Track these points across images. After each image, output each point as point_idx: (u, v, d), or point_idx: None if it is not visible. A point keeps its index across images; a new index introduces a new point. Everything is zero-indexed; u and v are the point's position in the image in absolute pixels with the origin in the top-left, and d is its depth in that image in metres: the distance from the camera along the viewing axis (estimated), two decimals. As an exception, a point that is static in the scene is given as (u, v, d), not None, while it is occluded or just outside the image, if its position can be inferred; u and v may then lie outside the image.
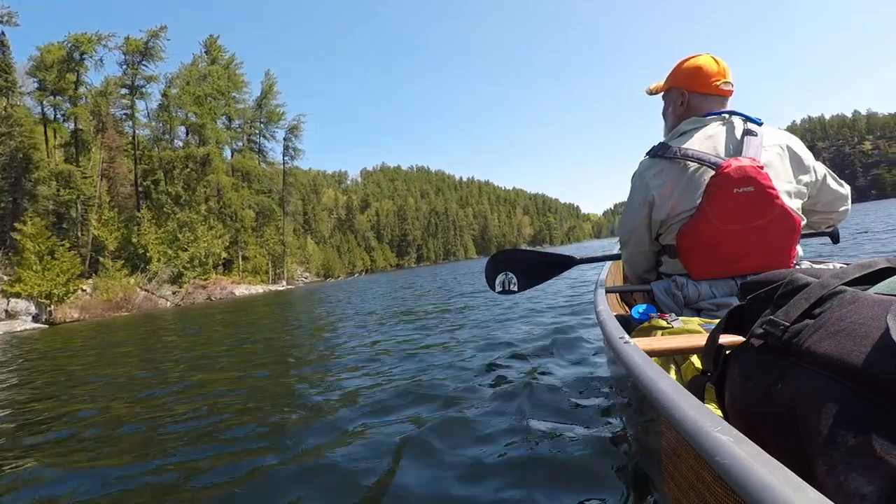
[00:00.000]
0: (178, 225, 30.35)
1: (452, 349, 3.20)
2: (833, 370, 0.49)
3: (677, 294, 1.44)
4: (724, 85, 1.45)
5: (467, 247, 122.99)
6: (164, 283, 28.02)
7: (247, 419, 2.15)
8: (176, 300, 26.94)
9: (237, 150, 41.31)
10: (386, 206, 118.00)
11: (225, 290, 29.89)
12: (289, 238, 43.01)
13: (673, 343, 0.95)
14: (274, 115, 42.75)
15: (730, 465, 0.42)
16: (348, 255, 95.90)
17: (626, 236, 1.60)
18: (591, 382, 1.97)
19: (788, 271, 0.68)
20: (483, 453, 1.44)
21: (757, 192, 1.29)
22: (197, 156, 33.33)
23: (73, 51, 29.30)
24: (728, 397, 0.68)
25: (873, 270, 0.62)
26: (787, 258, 1.37)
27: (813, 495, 0.36)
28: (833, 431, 0.45)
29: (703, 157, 1.35)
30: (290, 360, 3.78)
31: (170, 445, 1.90)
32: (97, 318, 21.10)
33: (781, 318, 0.60)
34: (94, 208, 28.16)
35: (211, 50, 39.27)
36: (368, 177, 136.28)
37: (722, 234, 1.34)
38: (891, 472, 0.39)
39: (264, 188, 40.85)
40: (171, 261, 28.89)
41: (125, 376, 3.99)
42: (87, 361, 5.58)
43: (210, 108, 34.98)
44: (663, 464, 0.71)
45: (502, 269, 2.22)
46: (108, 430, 2.27)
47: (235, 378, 3.24)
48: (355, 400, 2.21)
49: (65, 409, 2.91)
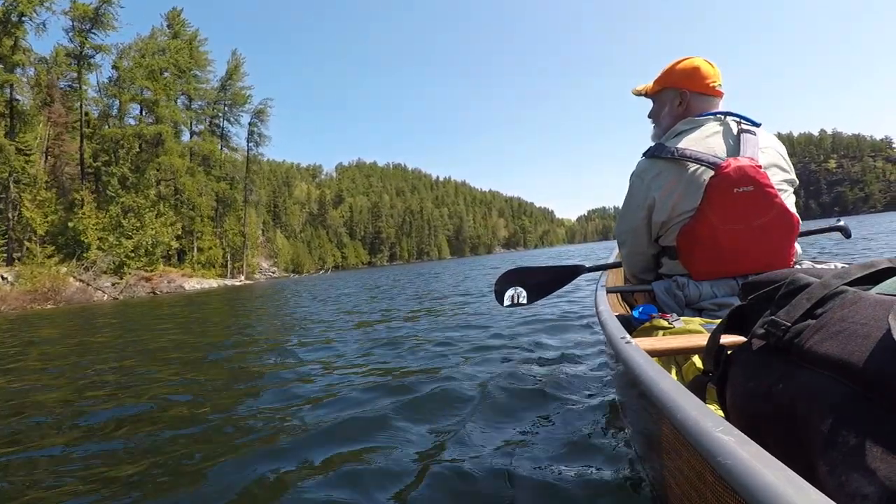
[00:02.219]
0: (123, 210, 27.42)
1: (444, 347, 3.12)
2: (834, 370, 0.49)
3: (678, 294, 1.43)
4: (719, 86, 1.48)
5: (441, 247, 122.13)
6: (103, 273, 25.32)
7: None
8: (115, 293, 24.30)
9: (197, 133, 38.24)
10: (360, 203, 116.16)
11: (173, 283, 27.27)
12: (251, 229, 40.21)
13: (674, 343, 0.94)
14: (239, 97, 39.52)
15: (732, 466, 0.42)
16: (319, 250, 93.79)
17: (624, 236, 1.59)
18: (592, 382, 2.01)
19: (790, 271, 0.67)
20: (480, 453, 1.42)
21: (756, 191, 1.30)
22: (147, 134, 30.20)
23: (9, 11, 26.22)
24: (729, 397, 0.68)
25: (875, 270, 0.62)
26: (787, 257, 1.38)
27: (814, 495, 0.35)
28: (834, 431, 0.45)
29: (703, 157, 1.35)
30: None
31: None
32: (16, 311, 18.47)
33: (783, 318, 0.60)
34: (29, 188, 25.14)
35: (173, 24, 36.33)
36: (344, 172, 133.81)
37: (722, 233, 1.34)
38: (891, 472, 0.38)
39: (226, 175, 38.08)
40: (112, 249, 26.15)
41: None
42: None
43: (165, 85, 31.66)
44: (665, 464, 0.71)
45: (511, 284, 2.10)
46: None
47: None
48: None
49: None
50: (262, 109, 41.14)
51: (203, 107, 38.36)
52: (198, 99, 37.77)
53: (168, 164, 30.68)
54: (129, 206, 27.73)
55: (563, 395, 1.84)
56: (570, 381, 2.01)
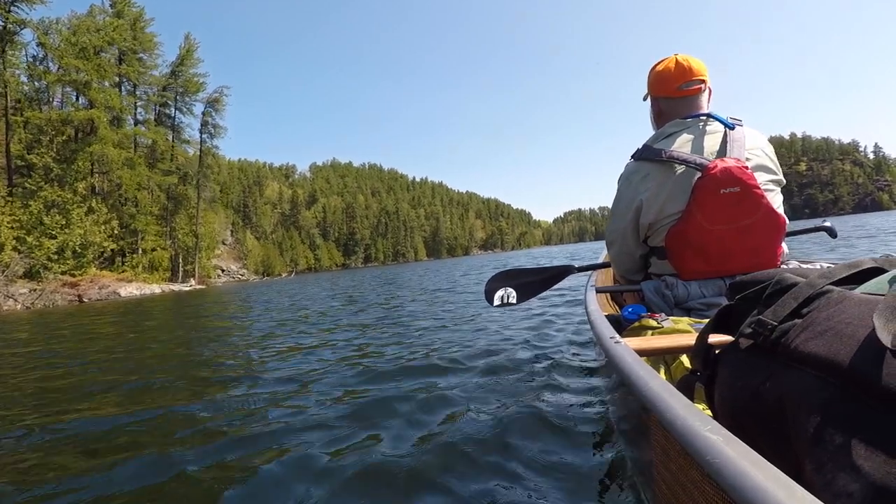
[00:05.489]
0: (46, 205, 23.98)
1: (431, 349, 3.05)
2: (820, 369, 0.49)
3: (667, 294, 1.43)
4: (687, 86, 1.44)
5: (417, 248, 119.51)
6: (19, 278, 21.83)
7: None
8: (29, 300, 20.87)
9: (142, 122, 34.53)
10: (334, 203, 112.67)
11: (106, 289, 23.82)
12: (205, 228, 36.70)
13: (663, 343, 0.95)
14: (192, 84, 36.03)
15: (719, 464, 0.42)
16: (291, 252, 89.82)
17: (613, 237, 1.59)
18: (581, 382, 2.01)
19: (776, 271, 0.68)
20: (471, 454, 1.41)
21: (743, 191, 1.29)
22: (74, 120, 26.63)
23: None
24: (717, 396, 0.69)
25: (860, 270, 0.63)
26: (773, 257, 1.38)
27: (801, 494, 0.36)
28: (820, 430, 0.45)
29: (689, 158, 1.34)
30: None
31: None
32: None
33: (769, 317, 0.60)
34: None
35: (116, 2, 32.73)
36: (318, 171, 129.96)
37: (710, 234, 1.34)
38: (877, 470, 0.39)
39: (177, 169, 34.52)
40: (31, 250, 22.67)
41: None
42: None
43: (99, 65, 28.05)
44: (654, 463, 0.71)
45: (501, 286, 2.08)
46: None
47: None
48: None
49: None
50: (216, 98, 37.71)
51: (149, 93, 34.69)
52: (143, 85, 34.09)
53: (101, 154, 27.07)
54: (53, 200, 24.21)
55: (552, 395, 1.85)
56: (558, 381, 2.03)
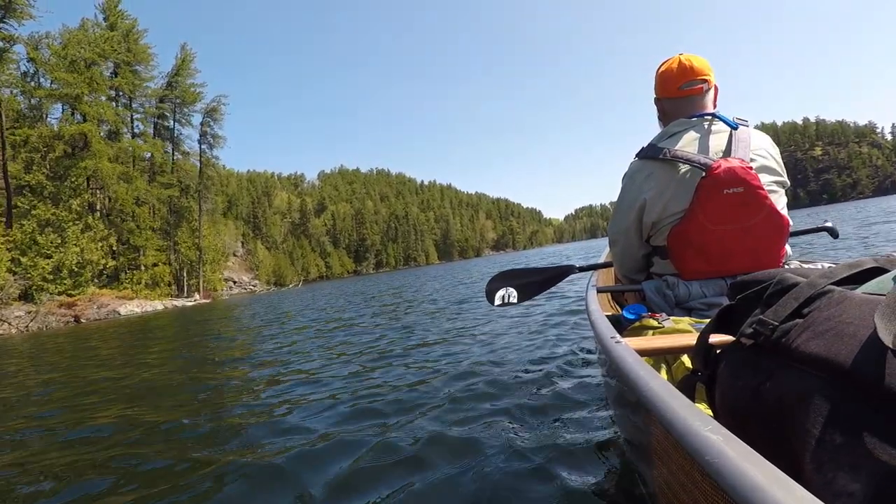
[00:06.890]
0: (39, 224, 23.27)
1: (432, 354, 3.09)
2: (821, 369, 0.49)
3: (668, 294, 1.43)
4: (689, 86, 1.44)
5: (429, 252, 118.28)
6: (14, 301, 21.11)
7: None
8: (24, 324, 20.10)
9: (139, 135, 33.87)
10: (343, 210, 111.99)
11: (105, 308, 23.03)
12: (208, 241, 35.90)
13: (664, 343, 0.94)
14: (189, 94, 35.35)
15: (719, 464, 0.42)
16: (302, 260, 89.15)
17: (616, 236, 1.59)
18: (582, 381, 2.02)
19: (777, 271, 0.68)
20: (471, 455, 1.41)
21: (746, 192, 1.29)
22: (66, 135, 25.91)
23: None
24: (718, 396, 0.68)
25: (861, 270, 0.63)
26: (776, 258, 1.38)
27: (801, 493, 0.36)
28: (820, 430, 0.45)
29: (693, 158, 1.34)
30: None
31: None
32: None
33: (770, 317, 0.60)
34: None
35: (110, 15, 32.10)
36: (326, 179, 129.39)
37: (712, 234, 1.34)
38: (877, 470, 0.39)
39: (178, 181, 33.80)
40: (26, 271, 21.96)
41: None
42: None
43: (90, 78, 27.39)
44: (654, 463, 0.72)
45: (502, 286, 2.07)
46: None
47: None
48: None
49: None
50: (214, 108, 36.96)
51: (146, 105, 34.00)
52: (140, 97, 33.43)
53: (94, 169, 26.31)
54: (47, 219, 23.50)
55: (553, 395, 1.86)
56: (559, 381, 2.04)
